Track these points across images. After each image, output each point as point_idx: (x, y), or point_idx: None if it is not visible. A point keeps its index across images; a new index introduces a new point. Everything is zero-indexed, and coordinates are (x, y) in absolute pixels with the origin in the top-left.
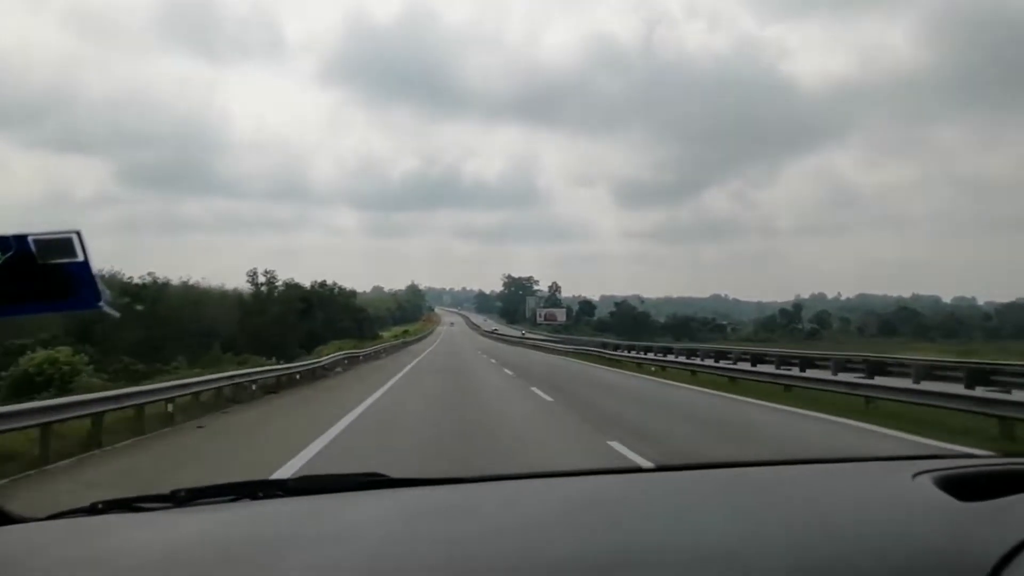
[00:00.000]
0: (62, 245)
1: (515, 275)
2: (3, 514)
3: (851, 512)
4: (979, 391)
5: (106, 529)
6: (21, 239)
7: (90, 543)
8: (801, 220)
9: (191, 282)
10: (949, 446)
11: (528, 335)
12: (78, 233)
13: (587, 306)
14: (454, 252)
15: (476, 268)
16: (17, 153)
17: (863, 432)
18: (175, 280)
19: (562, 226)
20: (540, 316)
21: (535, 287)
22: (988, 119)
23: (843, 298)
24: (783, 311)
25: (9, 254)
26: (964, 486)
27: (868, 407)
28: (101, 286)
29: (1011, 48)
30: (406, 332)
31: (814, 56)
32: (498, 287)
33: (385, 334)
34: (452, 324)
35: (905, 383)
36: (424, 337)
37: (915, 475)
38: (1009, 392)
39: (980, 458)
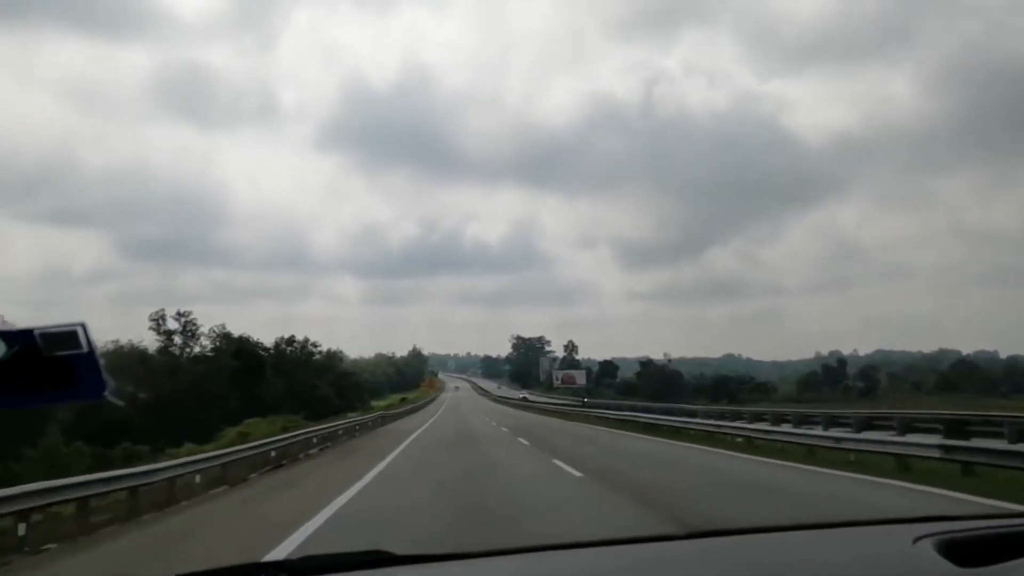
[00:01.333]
0: (67, 338)
1: (524, 335)
2: None
3: None
4: None
5: None
6: (27, 333)
7: None
8: (807, 276)
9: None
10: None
11: (531, 398)
12: (83, 325)
13: (609, 367)
14: (457, 317)
15: (480, 333)
16: (15, 227)
17: None
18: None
19: (565, 288)
20: (557, 379)
21: (547, 348)
22: (992, 167)
23: (860, 354)
24: (826, 367)
25: (15, 348)
26: (965, 550)
27: None
28: (106, 376)
29: (1014, 92)
30: (404, 400)
31: (815, 109)
32: (505, 350)
33: (380, 403)
34: (457, 389)
35: None
36: (425, 405)
37: (916, 539)
38: None
39: (982, 519)
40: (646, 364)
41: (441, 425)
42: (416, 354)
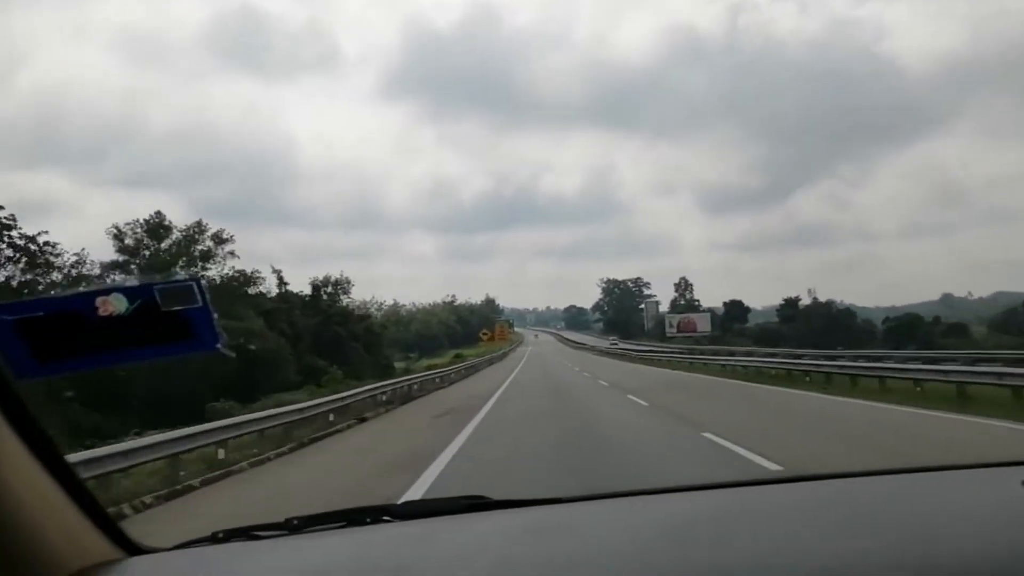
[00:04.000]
0: (183, 292)
1: (618, 277)
2: (132, 544)
3: (957, 522)
4: None
5: (227, 558)
6: (147, 288)
7: (213, 572)
8: (903, 219)
9: None
10: None
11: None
12: (197, 281)
13: (737, 309)
14: (534, 272)
15: (558, 287)
16: (85, 191)
17: None
18: None
19: (644, 239)
20: (671, 325)
21: (646, 290)
22: None
23: (974, 297)
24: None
25: (137, 303)
26: None
27: None
28: (219, 329)
29: None
30: (458, 357)
31: (917, 32)
32: (589, 301)
33: (419, 363)
34: (537, 338)
35: None
36: (484, 366)
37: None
38: None
39: None
40: (792, 303)
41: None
42: (489, 302)
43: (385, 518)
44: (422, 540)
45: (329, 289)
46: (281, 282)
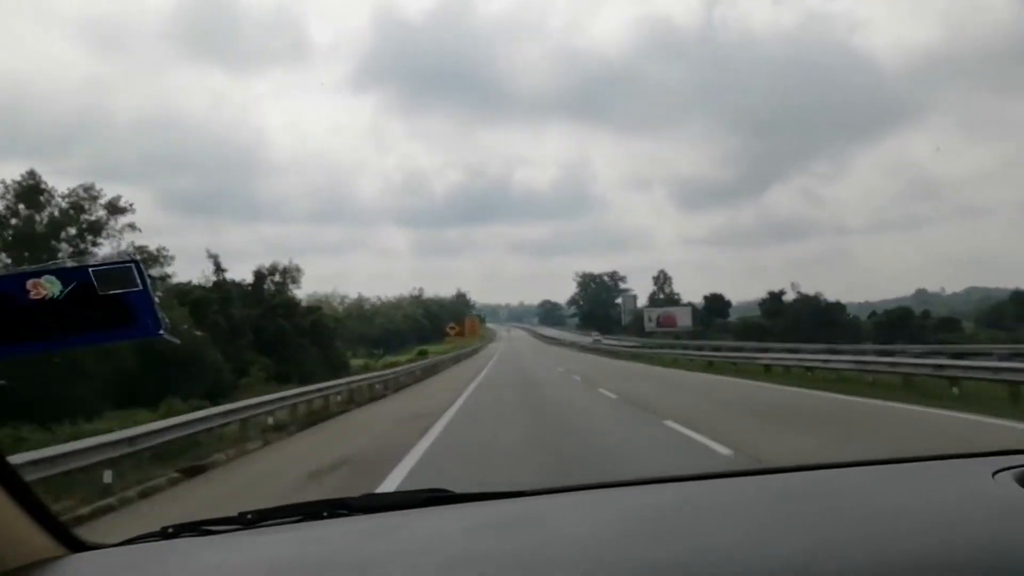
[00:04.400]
0: (122, 275)
1: (595, 271)
2: (76, 541)
3: (929, 514)
4: None
5: (177, 554)
6: (82, 270)
7: (161, 568)
8: (876, 214)
9: None
10: None
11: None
12: (136, 262)
13: (717, 304)
14: (508, 267)
15: (531, 283)
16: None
17: None
18: None
19: (619, 235)
20: (651, 320)
21: (622, 284)
22: None
23: (948, 292)
24: (1016, 296)
25: (71, 286)
26: None
27: None
28: (161, 314)
29: None
30: (422, 354)
31: (891, 27)
32: (564, 296)
33: (384, 361)
34: (511, 336)
35: None
36: (450, 365)
37: (995, 472)
38: None
39: None
40: (776, 297)
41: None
42: (460, 296)
43: (342, 512)
44: (379, 534)
45: (277, 278)
46: (218, 269)
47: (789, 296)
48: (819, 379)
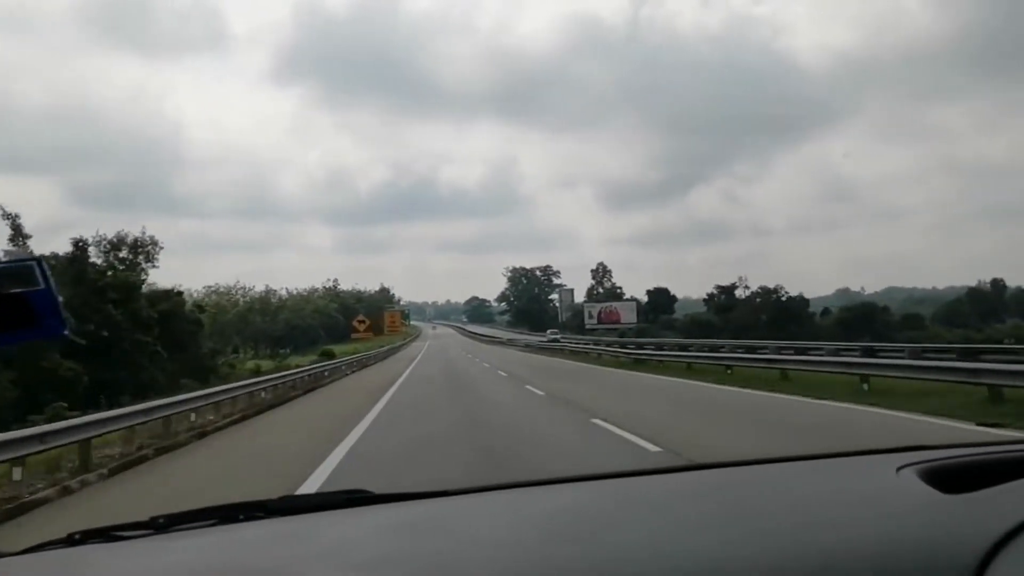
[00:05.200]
0: (23, 273)
1: (526, 266)
2: None
3: (834, 509)
4: None
5: (83, 561)
6: None
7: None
8: (798, 215)
9: None
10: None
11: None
12: (38, 260)
13: (662, 298)
14: (435, 265)
15: (459, 281)
16: None
17: None
18: None
19: (546, 234)
20: (591, 316)
21: (556, 280)
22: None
23: (868, 292)
24: (972, 293)
25: None
26: (949, 477)
27: None
28: (65, 314)
29: None
30: (324, 355)
31: (813, 31)
32: (493, 294)
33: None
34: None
35: None
36: (349, 371)
37: (899, 468)
38: None
39: (964, 447)
40: (728, 291)
41: None
42: (383, 291)
43: (259, 514)
44: (295, 536)
45: (123, 254)
46: (18, 235)
47: (742, 291)
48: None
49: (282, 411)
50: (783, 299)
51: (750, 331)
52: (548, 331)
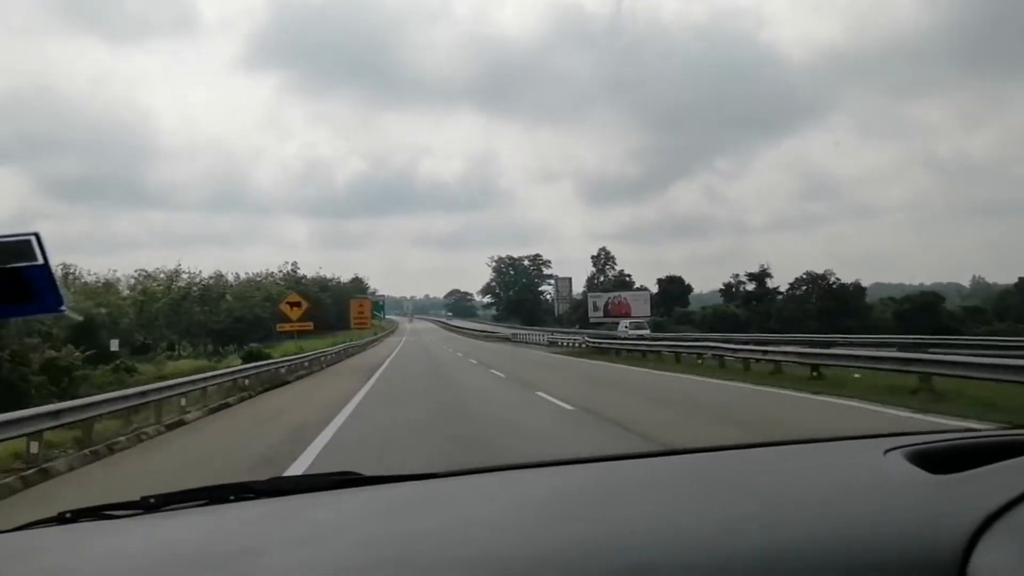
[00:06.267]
0: (20, 248)
1: (514, 255)
2: None
3: (823, 491)
4: None
5: (74, 539)
6: None
7: (58, 554)
8: (779, 211)
9: None
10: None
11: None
12: (36, 235)
13: (677, 289)
14: (413, 260)
15: (438, 276)
16: None
17: None
18: None
19: (525, 229)
20: (598, 308)
21: (547, 270)
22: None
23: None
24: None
25: None
26: (936, 460)
27: None
28: (62, 289)
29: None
30: (252, 355)
31: (798, 22)
32: (475, 288)
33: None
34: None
35: None
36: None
37: (887, 451)
38: None
39: (952, 432)
40: (757, 277)
41: None
42: (356, 280)
43: (249, 495)
44: (284, 517)
45: None
46: None
47: (776, 281)
48: None
49: None
50: (834, 286)
51: (792, 325)
52: (624, 322)
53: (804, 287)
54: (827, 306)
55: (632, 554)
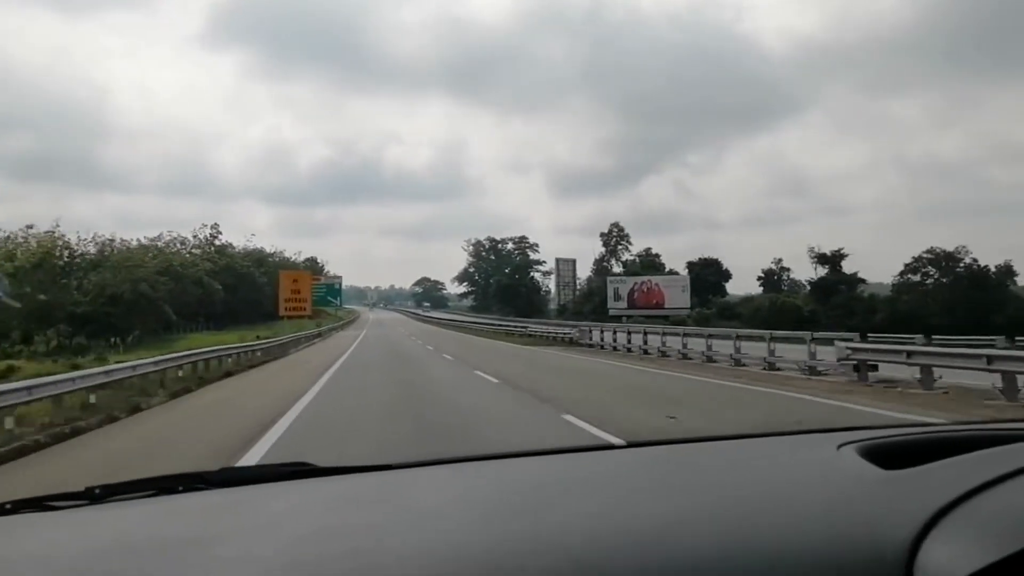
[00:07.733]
0: None
1: (496, 236)
2: None
3: (774, 486)
4: None
5: (14, 530)
6: None
7: None
8: (750, 208)
9: None
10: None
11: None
12: None
13: (713, 274)
14: (380, 250)
15: (405, 267)
16: None
17: None
18: None
19: (494, 221)
20: (619, 296)
21: (533, 254)
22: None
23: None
24: None
25: None
26: (888, 455)
27: None
28: (0, 276)
29: None
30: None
31: (778, 12)
32: (445, 278)
33: None
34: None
35: None
36: None
37: (840, 446)
38: None
39: (905, 428)
40: (830, 261)
41: None
42: (310, 261)
43: (199, 486)
44: (234, 508)
45: None
46: None
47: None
48: None
49: None
50: (974, 270)
51: (903, 322)
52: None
53: (934, 273)
54: (960, 296)
55: (582, 547)
